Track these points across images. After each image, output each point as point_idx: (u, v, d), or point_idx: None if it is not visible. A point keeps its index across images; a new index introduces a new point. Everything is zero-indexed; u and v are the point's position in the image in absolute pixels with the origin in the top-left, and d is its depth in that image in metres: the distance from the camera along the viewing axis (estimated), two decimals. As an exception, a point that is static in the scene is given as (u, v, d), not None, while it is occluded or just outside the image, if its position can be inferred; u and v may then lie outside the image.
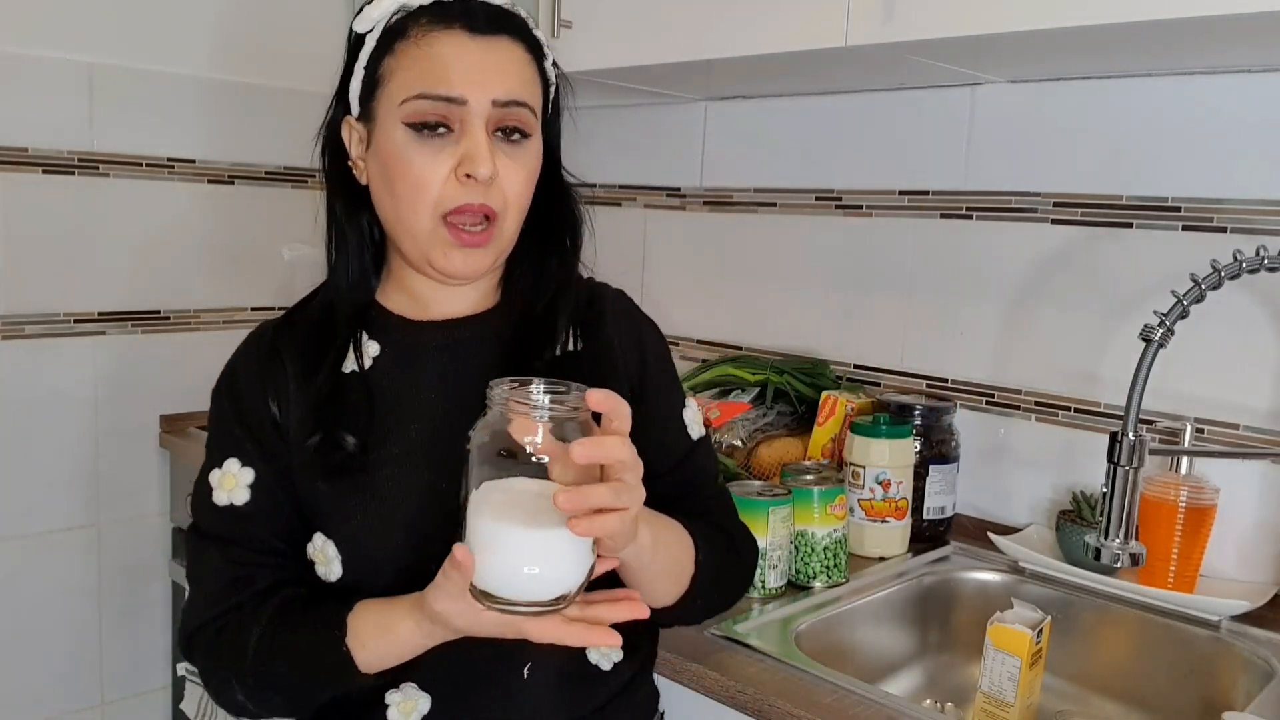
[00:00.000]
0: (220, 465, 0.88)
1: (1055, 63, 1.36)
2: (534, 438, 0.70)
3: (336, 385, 0.87)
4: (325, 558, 0.86)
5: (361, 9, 0.87)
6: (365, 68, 0.87)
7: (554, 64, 0.92)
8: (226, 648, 0.85)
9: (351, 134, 0.90)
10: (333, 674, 0.81)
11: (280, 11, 1.99)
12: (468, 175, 0.83)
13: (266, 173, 2.00)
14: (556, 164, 0.95)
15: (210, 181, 1.93)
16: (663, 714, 1.02)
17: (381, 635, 0.80)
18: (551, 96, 0.93)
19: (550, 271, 0.94)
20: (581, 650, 0.89)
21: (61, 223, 1.76)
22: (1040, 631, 1.09)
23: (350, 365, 0.89)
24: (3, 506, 1.76)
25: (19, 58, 1.69)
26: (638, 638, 0.95)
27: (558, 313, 0.91)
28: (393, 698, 0.86)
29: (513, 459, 0.71)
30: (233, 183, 1.96)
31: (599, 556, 0.75)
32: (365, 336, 0.91)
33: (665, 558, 0.84)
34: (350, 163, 0.90)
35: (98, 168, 1.79)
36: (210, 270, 1.95)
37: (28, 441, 1.77)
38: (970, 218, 1.55)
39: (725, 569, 0.94)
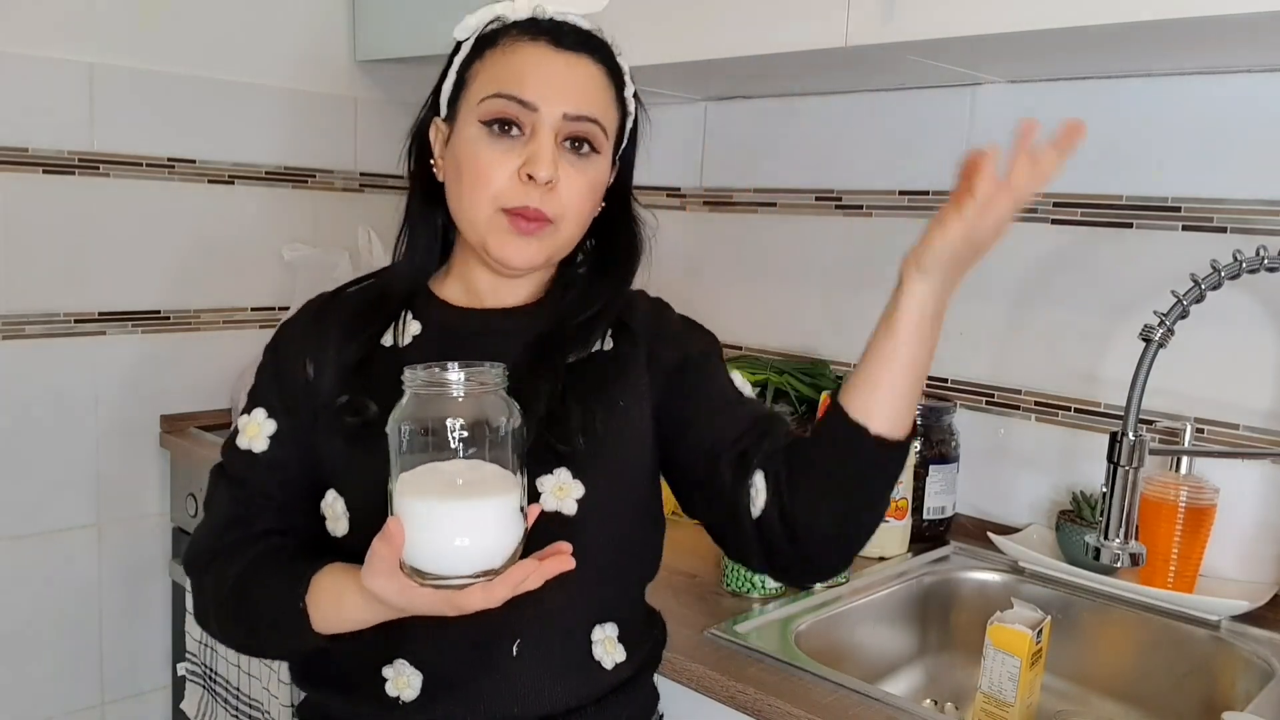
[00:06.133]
0: (250, 412, 0.95)
1: (1055, 63, 1.36)
2: (454, 416, 0.72)
3: (370, 355, 0.92)
4: (335, 514, 0.90)
5: (464, 18, 0.93)
6: (457, 71, 0.93)
7: (635, 96, 0.96)
8: (212, 578, 0.91)
9: (437, 134, 0.95)
10: (289, 627, 0.85)
11: (281, 12, 1.98)
12: (529, 176, 0.87)
13: (267, 173, 2.00)
14: (627, 193, 0.99)
15: (210, 181, 1.93)
16: (661, 716, 1.02)
17: (334, 602, 0.83)
18: (629, 127, 0.96)
19: (598, 291, 0.97)
20: (584, 641, 0.90)
21: (61, 223, 1.76)
22: (1040, 631, 1.09)
23: (389, 340, 0.94)
24: (3, 506, 1.75)
25: (19, 58, 1.69)
26: (639, 638, 0.95)
27: (593, 328, 0.94)
28: (388, 672, 0.88)
29: (435, 439, 0.73)
30: (233, 183, 1.96)
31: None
32: (410, 316, 0.96)
33: (930, 343, 0.80)
34: (432, 161, 0.95)
35: (98, 168, 1.79)
36: (210, 270, 1.95)
37: (28, 441, 1.77)
38: (970, 218, 1.55)
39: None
